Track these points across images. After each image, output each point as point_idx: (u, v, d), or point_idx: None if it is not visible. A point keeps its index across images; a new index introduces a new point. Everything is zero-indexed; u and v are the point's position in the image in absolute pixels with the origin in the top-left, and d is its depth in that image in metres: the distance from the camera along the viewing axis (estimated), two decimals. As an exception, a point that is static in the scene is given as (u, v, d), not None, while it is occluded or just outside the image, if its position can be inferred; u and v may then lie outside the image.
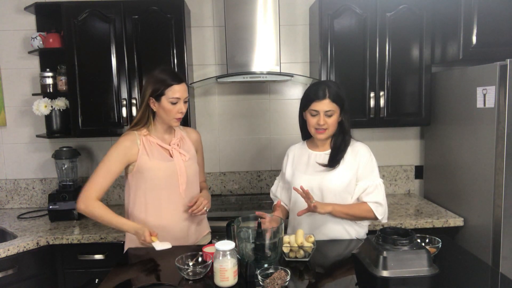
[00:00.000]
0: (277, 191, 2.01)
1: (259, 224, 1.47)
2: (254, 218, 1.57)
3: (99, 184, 1.75)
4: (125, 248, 1.87)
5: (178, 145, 1.87)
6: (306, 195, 1.63)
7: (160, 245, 1.63)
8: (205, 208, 1.85)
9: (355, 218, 1.77)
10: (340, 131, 1.81)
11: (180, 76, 1.80)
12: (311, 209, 1.65)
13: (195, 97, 2.83)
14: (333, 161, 1.78)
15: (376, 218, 1.77)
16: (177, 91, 1.75)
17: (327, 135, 1.78)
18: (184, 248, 1.72)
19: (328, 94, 1.72)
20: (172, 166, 1.81)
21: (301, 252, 1.57)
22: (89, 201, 1.73)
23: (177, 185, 1.81)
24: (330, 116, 1.74)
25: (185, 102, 1.79)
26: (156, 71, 1.80)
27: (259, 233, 1.44)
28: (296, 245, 1.57)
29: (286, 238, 1.61)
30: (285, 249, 1.58)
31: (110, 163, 1.76)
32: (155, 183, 1.78)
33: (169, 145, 1.84)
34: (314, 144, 1.88)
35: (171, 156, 1.82)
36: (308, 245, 1.58)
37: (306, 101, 1.78)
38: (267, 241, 1.44)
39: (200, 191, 1.97)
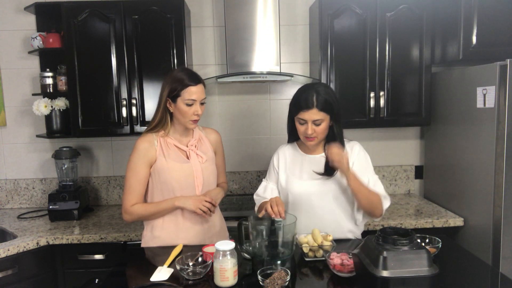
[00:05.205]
0: (265, 192, 1.87)
1: (273, 222, 1.46)
2: (267, 217, 1.56)
3: (132, 191, 1.76)
4: (143, 245, 1.86)
5: (195, 146, 1.84)
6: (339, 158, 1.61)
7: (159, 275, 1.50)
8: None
9: (368, 199, 1.66)
10: (331, 136, 1.75)
11: (197, 77, 1.75)
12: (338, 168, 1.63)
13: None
14: (330, 170, 1.73)
15: (379, 212, 1.70)
16: (193, 92, 1.71)
17: (317, 142, 1.74)
18: (184, 248, 1.72)
19: (316, 102, 1.65)
20: (189, 167, 1.78)
21: (321, 251, 1.58)
22: (129, 209, 1.76)
23: (193, 187, 1.79)
24: (318, 125, 1.68)
25: (202, 103, 1.76)
26: (174, 71, 1.77)
27: (273, 230, 1.44)
28: (316, 245, 1.58)
29: (303, 238, 1.62)
30: (305, 249, 1.59)
31: (135, 168, 1.75)
32: (172, 184, 1.76)
33: (187, 146, 1.82)
34: (305, 146, 1.82)
35: (188, 158, 1.80)
36: (327, 244, 1.59)
37: (294, 109, 1.72)
38: (280, 238, 1.45)
39: None
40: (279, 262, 1.44)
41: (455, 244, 1.80)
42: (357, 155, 1.77)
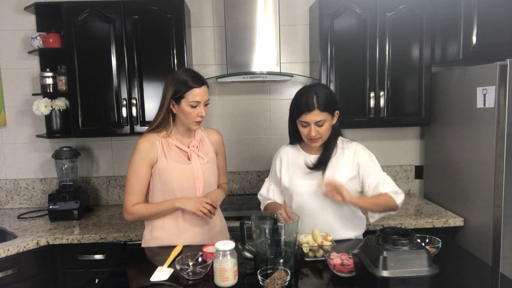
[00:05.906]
0: (268, 193, 1.92)
1: (275, 220, 1.47)
2: (269, 215, 1.57)
3: (133, 191, 1.76)
4: (143, 245, 1.85)
5: (197, 147, 1.83)
6: (335, 189, 1.60)
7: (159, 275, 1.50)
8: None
9: (380, 207, 1.70)
10: (333, 134, 1.77)
11: (201, 79, 1.74)
12: (339, 202, 1.62)
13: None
14: (320, 164, 1.75)
15: (396, 207, 1.71)
16: (197, 94, 1.69)
17: (321, 143, 1.75)
18: (184, 248, 1.72)
19: (316, 104, 1.65)
20: (190, 169, 1.77)
21: (321, 251, 1.58)
22: (130, 209, 1.76)
23: (194, 188, 1.79)
24: (321, 125, 1.68)
25: (205, 105, 1.75)
26: (177, 72, 1.76)
27: (275, 229, 1.44)
28: (316, 245, 1.58)
29: (304, 238, 1.62)
30: (305, 249, 1.59)
31: (136, 168, 1.75)
32: (172, 185, 1.75)
33: (188, 147, 1.81)
34: (308, 146, 1.82)
35: (189, 159, 1.79)
36: (327, 244, 1.59)
37: (295, 112, 1.73)
38: (283, 237, 1.45)
39: None
40: (281, 260, 1.44)
41: (455, 244, 1.80)
42: (361, 156, 1.78)
